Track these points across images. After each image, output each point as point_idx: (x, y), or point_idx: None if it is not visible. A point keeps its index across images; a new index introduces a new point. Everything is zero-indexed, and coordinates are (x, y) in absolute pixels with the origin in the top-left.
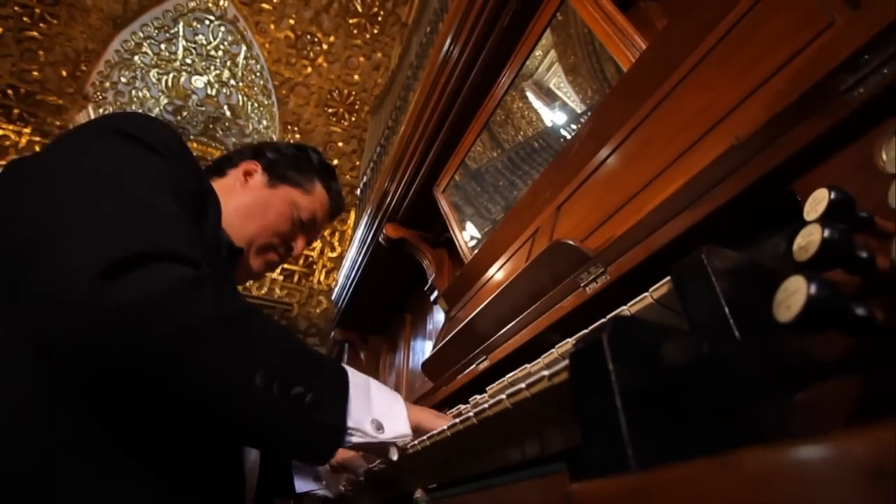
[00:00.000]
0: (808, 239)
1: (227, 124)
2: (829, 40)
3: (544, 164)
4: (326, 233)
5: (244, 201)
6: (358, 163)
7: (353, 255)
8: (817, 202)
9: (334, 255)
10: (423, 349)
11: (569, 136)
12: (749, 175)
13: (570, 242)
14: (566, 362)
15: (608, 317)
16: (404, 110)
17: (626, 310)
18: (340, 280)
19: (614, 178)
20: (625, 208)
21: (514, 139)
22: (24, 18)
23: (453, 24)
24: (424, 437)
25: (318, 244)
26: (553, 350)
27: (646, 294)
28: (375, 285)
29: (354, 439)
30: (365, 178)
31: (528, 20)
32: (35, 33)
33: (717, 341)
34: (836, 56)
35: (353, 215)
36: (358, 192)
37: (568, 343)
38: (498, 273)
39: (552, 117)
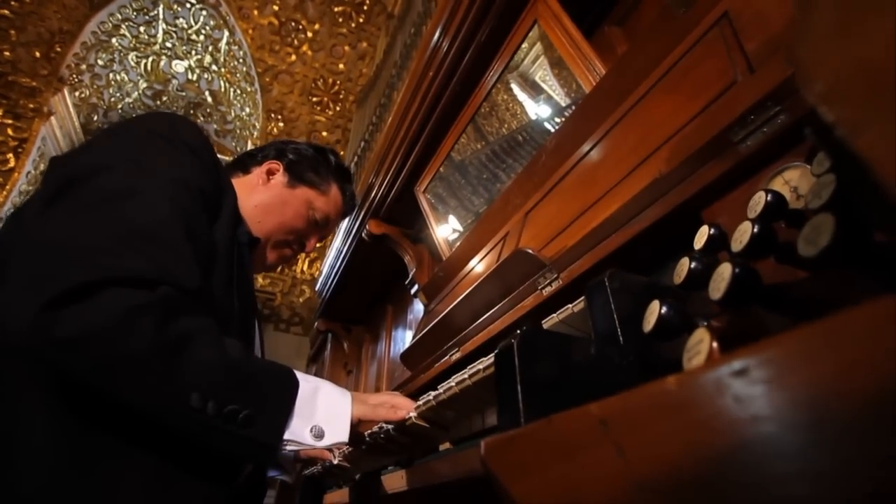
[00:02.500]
0: (681, 268)
1: (208, 110)
2: (729, 97)
3: (528, 157)
4: None
5: (265, 199)
6: (342, 153)
7: (337, 246)
8: (701, 236)
9: (318, 244)
10: (404, 339)
11: (552, 130)
12: (668, 203)
13: (530, 251)
14: (493, 359)
15: (522, 330)
16: (388, 108)
17: (556, 317)
18: (325, 271)
19: (572, 192)
20: (577, 222)
21: (498, 131)
22: None
23: (443, 16)
24: (389, 427)
25: None
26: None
27: (569, 306)
28: (358, 278)
29: (290, 448)
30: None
31: (516, 17)
32: (6, 11)
33: (606, 344)
34: (731, 112)
35: None
36: None
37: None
38: (472, 271)
39: (537, 110)
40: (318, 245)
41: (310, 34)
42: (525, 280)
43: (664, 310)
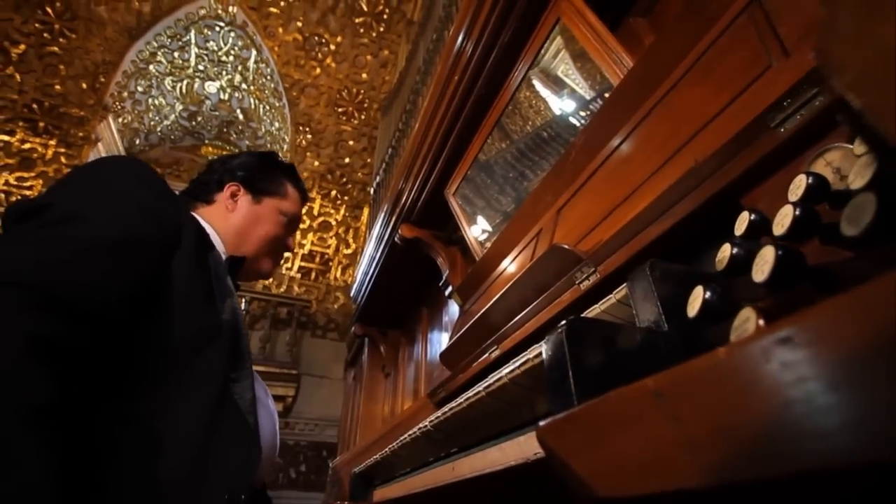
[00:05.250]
0: (722, 254)
1: (240, 127)
2: (765, 82)
3: (554, 153)
4: (341, 230)
5: (239, 221)
6: (369, 160)
7: (370, 252)
8: (741, 222)
9: (349, 251)
10: (440, 340)
11: (579, 124)
12: (706, 191)
13: (565, 246)
14: (543, 348)
15: (570, 318)
16: (414, 114)
17: (598, 307)
18: (358, 277)
19: (605, 187)
20: (611, 216)
21: (522, 129)
22: (45, 34)
23: (465, 20)
24: (447, 410)
25: (333, 241)
26: (534, 347)
27: (611, 296)
28: (393, 282)
29: None
30: (378, 178)
31: (538, 16)
32: (55, 48)
33: (651, 331)
34: (767, 98)
35: (366, 212)
36: (371, 191)
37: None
38: (507, 269)
39: (561, 105)
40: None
41: (333, 47)
42: (562, 275)
43: (708, 294)
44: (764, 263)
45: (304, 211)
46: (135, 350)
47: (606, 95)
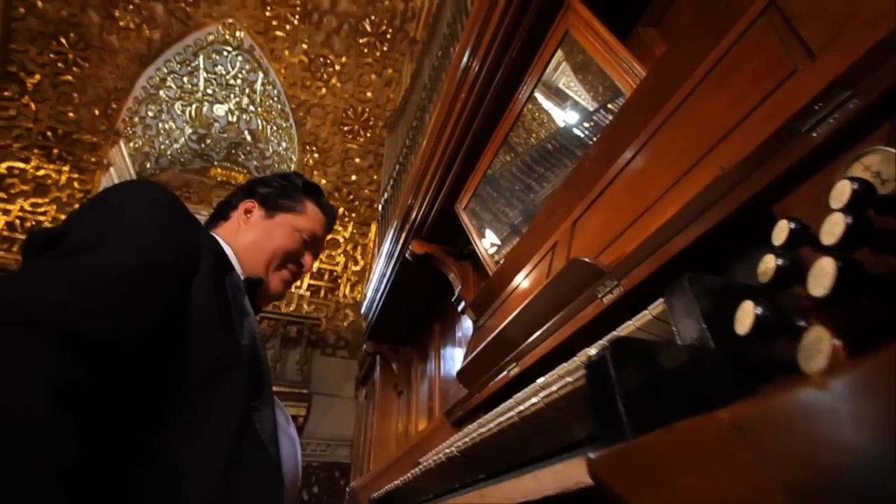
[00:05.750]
0: (766, 266)
1: (248, 149)
2: (792, 87)
3: (559, 165)
4: (349, 247)
5: (251, 236)
6: (376, 177)
7: (380, 269)
8: (780, 231)
9: (357, 268)
10: (454, 356)
11: (582, 135)
12: (735, 200)
13: (587, 260)
14: (583, 371)
15: (611, 335)
16: (421, 130)
17: (631, 324)
18: (369, 294)
19: (622, 198)
20: (632, 227)
21: (526, 142)
22: (59, 64)
23: (471, 38)
24: (475, 435)
25: (341, 259)
26: (562, 367)
27: (646, 311)
28: (404, 298)
29: None
30: (386, 195)
31: (546, 30)
32: (69, 77)
33: (695, 349)
34: (796, 102)
35: (374, 229)
36: (379, 207)
37: (586, 353)
38: (521, 284)
39: (564, 117)
40: (314, 263)
41: (338, 67)
42: (582, 289)
43: (760, 310)
44: (822, 276)
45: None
46: (151, 385)
47: (610, 106)
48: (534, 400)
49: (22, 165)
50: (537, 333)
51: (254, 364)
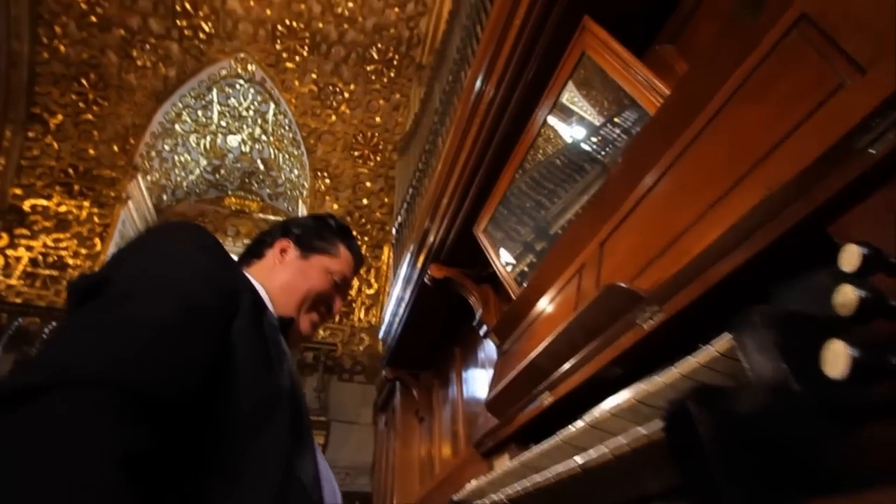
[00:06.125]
0: (846, 298)
1: (261, 177)
2: (841, 102)
3: (569, 180)
4: (363, 270)
5: (286, 276)
6: (387, 199)
7: (396, 293)
8: (851, 256)
9: (371, 291)
10: (477, 380)
11: (590, 150)
12: (787, 221)
13: (624, 285)
14: (661, 424)
15: (691, 389)
16: (435, 154)
17: (694, 361)
18: (386, 318)
19: (653, 219)
20: (669, 251)
21: (534, 158)
22: (80, 104)
23: (483, 63)
24: (528, 484)
25: (355, 282)
26: (614, 403)
27: (710, 347)
28: (423, 323)
29: None
30: (399, 219)
31: (561, 52)
32: (90, 116)
33: (779, 393)
34: (849, 118)
35: (386, 251)
36: (392, 230)
37: (642, 388)
38: (547, 308)
39: (571, 132)
40: (341, 307)
41: (346, 94)
42: (619, 316)
43: (856, 353)
44: None
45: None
46: (195, 434)
47: (616, 120)
48: (602, 450)
49: (45, 203)
50: (572, 361)
51: (294, 406)
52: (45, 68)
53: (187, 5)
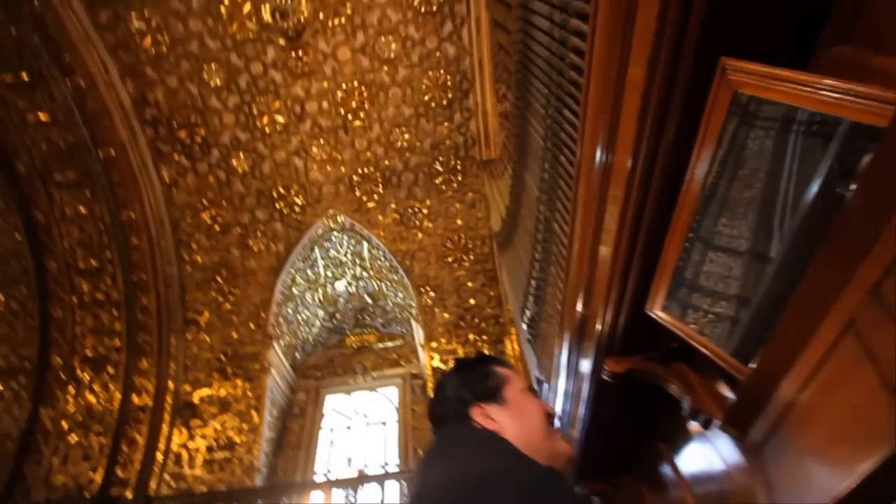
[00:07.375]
0: None
1: (371, 310)
2: None
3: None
4: None
5: (513, 432)
6: (492, 293)
7: (562, 387)
8: None
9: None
10: (705, 473)
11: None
12: None
13: None
14: None
15: None
16: (552, 242)
17: None
18: (555, 423)
19: None
20: None
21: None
22: (219, 298)
23: (598, 135)
24: None
25: None
26: None
27: None
28: (609, 425)
29: None
30: (529, 313)
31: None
32: (228, 305)
33: None
34: None
35: (508, 346)
36: (524, 326)
37: None
38: (809, 382)
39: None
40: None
41: (425, 211)
42: None
43: None
44: None
45: None
46: None
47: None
48: None
49: (208, 391)
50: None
51: None
52: (190, 279)
53: (281, 189)
